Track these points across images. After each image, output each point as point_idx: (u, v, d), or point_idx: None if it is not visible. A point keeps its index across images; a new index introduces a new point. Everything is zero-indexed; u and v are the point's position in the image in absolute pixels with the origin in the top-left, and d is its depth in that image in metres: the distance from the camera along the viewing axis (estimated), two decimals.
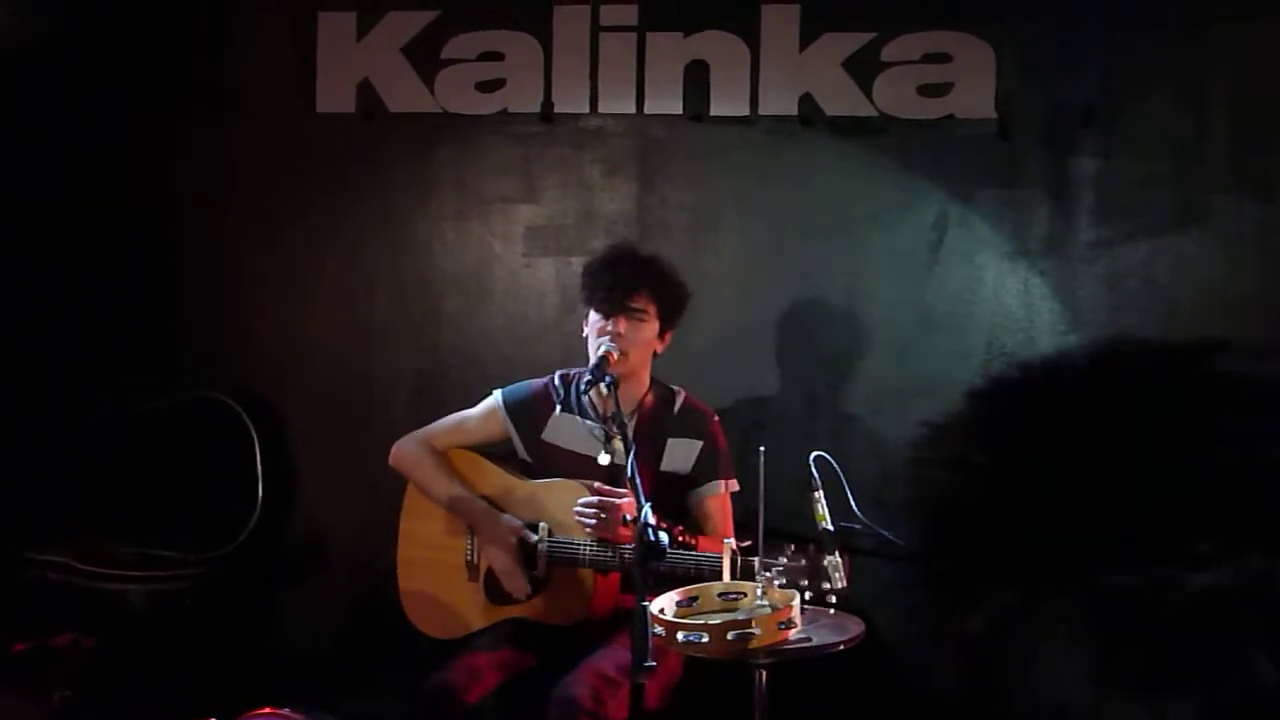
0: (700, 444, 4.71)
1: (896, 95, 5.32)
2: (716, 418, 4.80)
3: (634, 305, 4.56)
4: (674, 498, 4.60)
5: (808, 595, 3.95)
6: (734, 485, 4.75)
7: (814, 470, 4.05)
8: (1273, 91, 5.12)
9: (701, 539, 4.48)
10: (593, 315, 4.61)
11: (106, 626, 5.16)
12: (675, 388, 4.80)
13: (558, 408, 4.72)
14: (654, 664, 3.62)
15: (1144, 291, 5.23)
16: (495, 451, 4.83)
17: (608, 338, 4.52)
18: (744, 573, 4.10)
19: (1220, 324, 5.13)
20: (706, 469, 4.71)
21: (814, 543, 4.00)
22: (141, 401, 5.71)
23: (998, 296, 5.33)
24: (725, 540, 4.15)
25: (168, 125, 5.79)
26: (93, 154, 5.76)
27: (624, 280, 4.58)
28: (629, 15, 5.50)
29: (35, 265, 5.75)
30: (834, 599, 3.97)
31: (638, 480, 3.89)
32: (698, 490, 4.70)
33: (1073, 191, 5.27)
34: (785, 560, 3.99)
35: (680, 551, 4.27)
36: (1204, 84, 5.18)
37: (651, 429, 4.64)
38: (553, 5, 5.54)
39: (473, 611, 4.65)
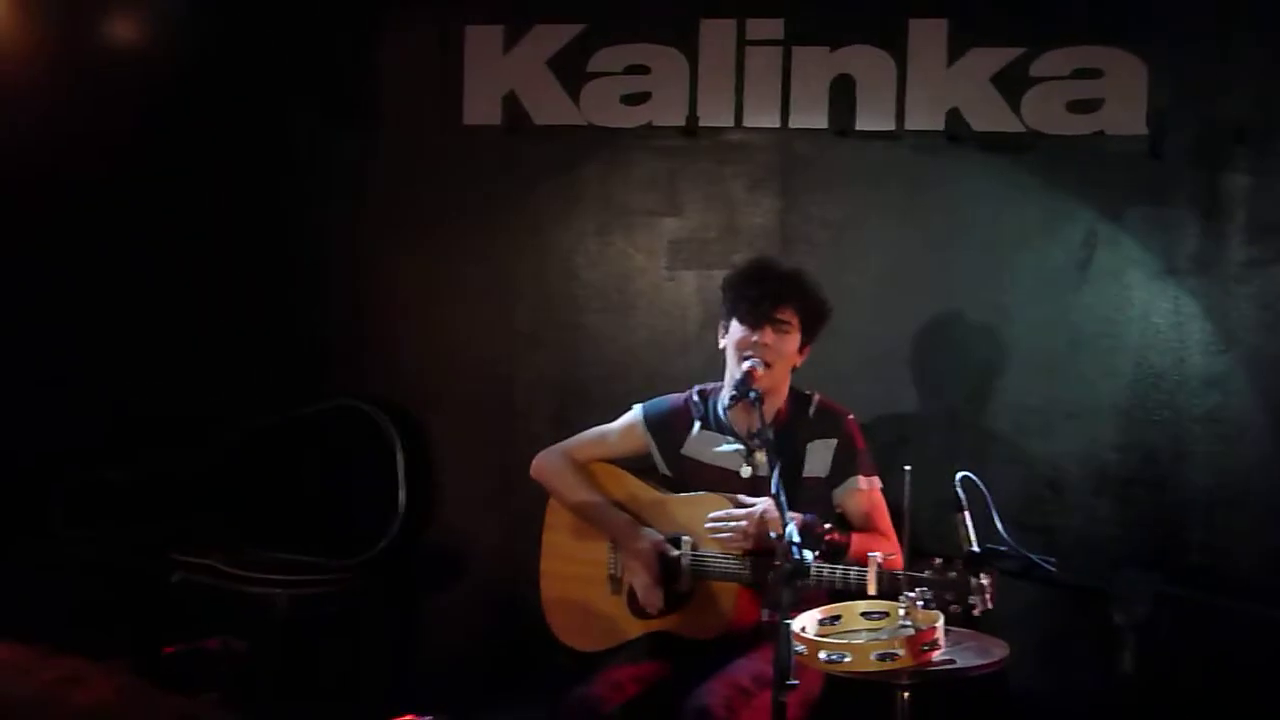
0: (835, 441, 4.66)
1: (1046, 111, 5.27)
2: (851, 416, 4.74)
3: (780, 317, 4.54)
4: (819, 500, 4.57)
5: (952, 609, 3.91)
6: (877, 482, 4.69)
7: (960, 491, 3.99)
8: None
9: (855, 536, 4.45)
10: (735, 327, 4.58)
11: (253, 630, 5.24)
12: (809, 391, 4.75)
13: (697, 424, 4.72)
14: (796, 682, 3.58)
15: None
16: (635, 466, 4.82)
17: (752, 349, 4.51)
18: (889, 585, 4.07)
19: None
20: (844, 466, 4.66)
21: (960, 559, 3.96)
22: (286, 409, 5.80)
23: (1147, 316, 5.25)
24: (870, 554, 4.11)
25: (319, 137, 5.91)
26: (246, 166, 5.91)
27: (770, 292, 4.56)
28: (775, 29, 5.50)
29: (187, 275, 5.87)
30: (976, 614, 3.92)
31: (783, 498, 3.86)
32: (838, 489, 4.66)
33: (1224, 210, 5.18)
34: (930, 573, 3.95)
35: (825, 565, 4.22)
36: None
37: (790, 436, 4.59)
38: (699, 19, 5.55)
39: (616, 625, 4.65)
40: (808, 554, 3.70)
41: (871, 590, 4.07)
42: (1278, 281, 5.14)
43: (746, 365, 4.45)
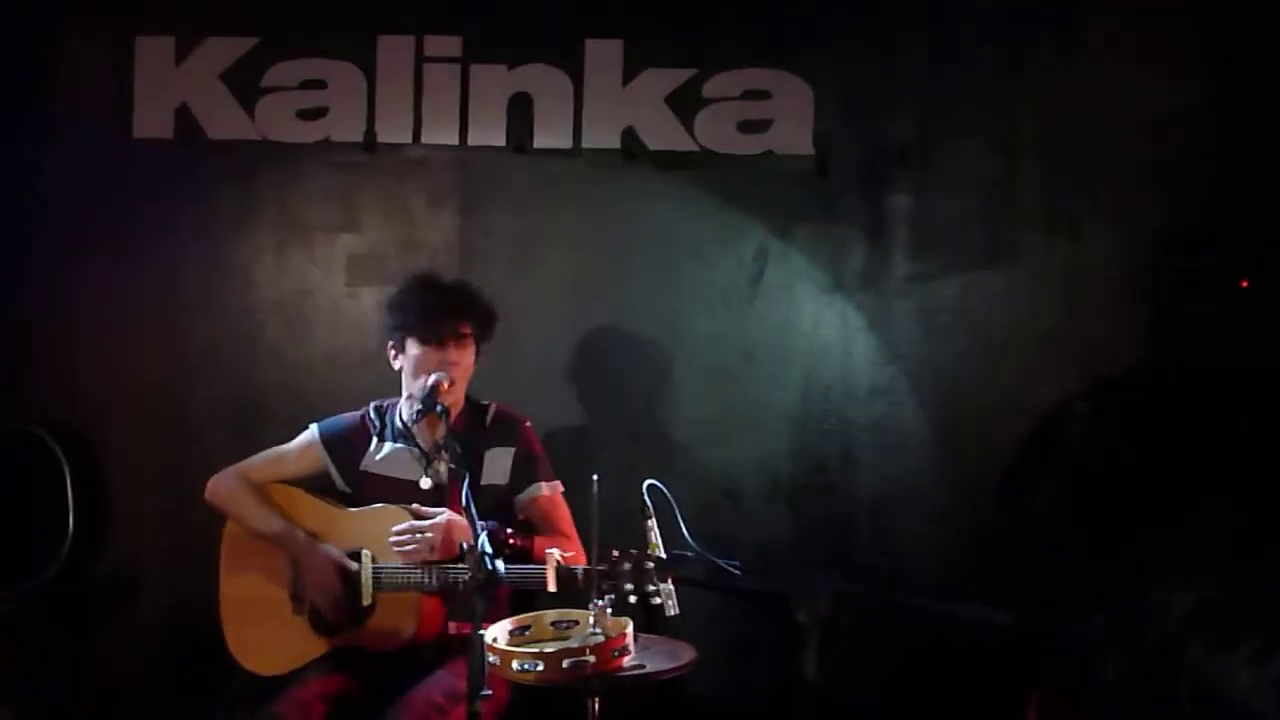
0: (513, 450, 4.73)
1: (717, 130, 5.43)
2: (529, 422, 4.82)
3: (461, 331, 4.58)
4: (499, 506, 4.61)
5: (632, 599, 4.00)
6: (558, 486, 4.78)
7: (647, 499, 4.08)
8: (1079, 136, 5.33)
9: (537, 539, 4.50)
10: (413, 345, 4.60)
11: None
12: (486, 402, 4.81)
13: (374, 439, 4.73)
14: (490, 692, 3.61)
15: (956, 325, 5.40)
16: (312, 485, 4.78)
17: (439, 366, 4.53)
18: (567, 579, 4.15)
19: (1027, 358, 5.32)
20: (524, 473, 4.74)
21: (634, 549, 4.05)
22: None
23: (816, 329, 5.45)
24: (548, 551, 4.17)
25: None
26: None
27: (448, 307, 4.61)
28: (453, 47, 5.51)
29: None
30: (667, 609, 4.02)
31: (473, 508, 3.89)
32: (520, 496, 4.72)
33: (888, 228, 5.42)
34: (607, 566, 4.03)
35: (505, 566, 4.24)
36: (1015, 127, 5.38)
37: (468, 445, 4.57)
38: (377, 35, 5.52)
39: (299, 645, 4.58)
40: (500, 564, 3.74)
41: (551, 587, 4.15)
42: (937, 295, 5.39)
43: (433, 379, 4.47)
